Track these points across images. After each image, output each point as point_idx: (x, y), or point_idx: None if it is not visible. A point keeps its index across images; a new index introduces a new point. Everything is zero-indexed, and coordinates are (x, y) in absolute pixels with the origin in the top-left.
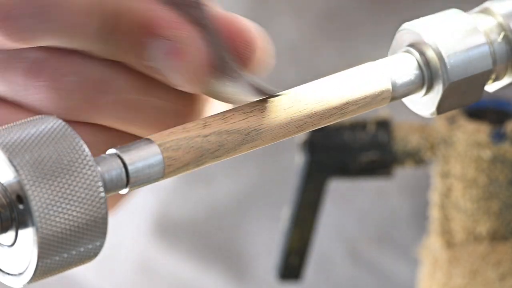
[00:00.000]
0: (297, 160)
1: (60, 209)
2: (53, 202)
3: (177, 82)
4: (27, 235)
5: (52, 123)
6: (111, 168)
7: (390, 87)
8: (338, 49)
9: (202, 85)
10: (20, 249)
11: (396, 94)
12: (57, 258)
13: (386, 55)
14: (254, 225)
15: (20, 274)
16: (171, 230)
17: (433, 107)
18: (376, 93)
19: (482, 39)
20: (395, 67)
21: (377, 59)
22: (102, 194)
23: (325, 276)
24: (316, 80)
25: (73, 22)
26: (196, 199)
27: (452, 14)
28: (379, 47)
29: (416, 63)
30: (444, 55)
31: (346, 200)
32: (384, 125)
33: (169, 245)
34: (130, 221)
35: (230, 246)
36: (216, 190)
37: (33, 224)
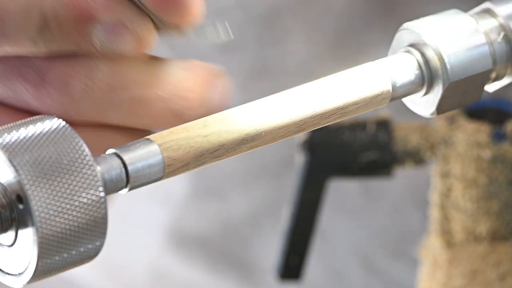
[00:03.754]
0: (297, 160)
1: (60, 209)
2: (53, 202)
3: (130, 51)
4: (27, 235)
5: (52, 123)
6: (111, 168)
7: (390, 87)
8: None
9: (152, 45)
10: (20, 249)
11: (396, 94)
12: (57, 258)
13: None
14: (265, 238)
15: (20, 274)
16: (184, 243)
17: (433, 107)
18: (376, 93)
19: (482, 39)
20: (395, 67)
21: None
22: (102, 194)
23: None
24: (316, 80)
25: (13, 27)
26: (208, 213)
27: (452, 14)
28: None
29: (416, 63)
30: (444, 55)
31: (361, 214)
32: (384, 125)
33: (182, 257)
34: (144, 234)
35: (242, 258)
36: (228, 205)
37: (33, 224)
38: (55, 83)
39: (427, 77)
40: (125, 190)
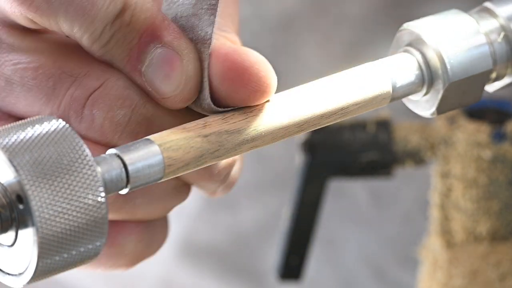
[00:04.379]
0: (297, 160)
1: (60, 209)
2: (53, 202)
3: (164, 91)
4: (27, 235)
5: (52, 124)
6: (111, 168)
7: (390, 87)
8: None
9: (187, 99)
10: (20, 249)
11: (396, 94)
12: (57, 258)
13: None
14: (276, 250)
15: (20, 274)
16: (195, 254)
17: (433, 107)
18: (376, 93)
19: (482, 39)
20: (395, 67)
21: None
22: (102, 194)
23: None
24: (316, 80)
25: (97, 4)
26: (220, 224)
27: (453, 15)
28: None
29: (416, 63)
30: (444, 55)
31: (371, 223)
32: (384, 125)
33: (192, 267)
34: None
35: (253, 269)
36: (240, 217)
37: (33, 224)
38: (103, 105)
39: (427, 77)
40: (125, 190)
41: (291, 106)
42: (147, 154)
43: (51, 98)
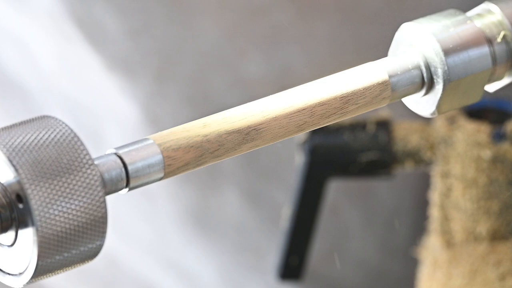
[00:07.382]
0: (297, 160)
1: (60, 209)
2: (52, 202)
3: None
4: (27, 235)
5: (52, 123)
6: (111, 168)
7: (389, 87)
8: (264, 52)
9: None
10: (20, 248)
11: (396, 94)
12: (57, 257)
13: (318, 59)
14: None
15: (20, 274)
16: None
17: (433, 107)
18: (376, 93)
19: (481, 39)
20: (394, 67)
21: (308, 61)
22: (102, 194)
23: None
24: (315, 80)
25: None
26: None
27: (451, 14)
28: (308, 49)
29: (415, 63)
30: (444, 55)
31: (359, 227)
32: (384, 125)
33: None
34: None
35: None
36: None
37: (33, 224)
38: None
39: (427, 77)
40: (125, 190)
41: (290, 106)
42: (147, 154)
43: None
